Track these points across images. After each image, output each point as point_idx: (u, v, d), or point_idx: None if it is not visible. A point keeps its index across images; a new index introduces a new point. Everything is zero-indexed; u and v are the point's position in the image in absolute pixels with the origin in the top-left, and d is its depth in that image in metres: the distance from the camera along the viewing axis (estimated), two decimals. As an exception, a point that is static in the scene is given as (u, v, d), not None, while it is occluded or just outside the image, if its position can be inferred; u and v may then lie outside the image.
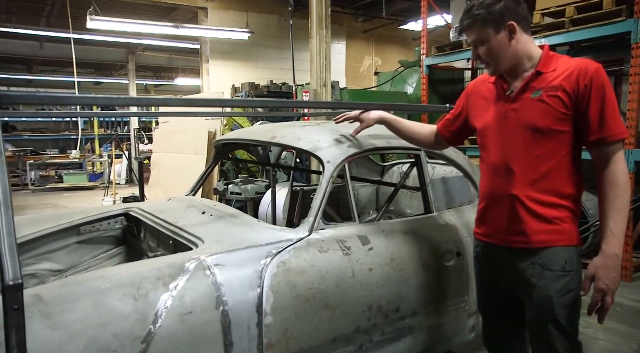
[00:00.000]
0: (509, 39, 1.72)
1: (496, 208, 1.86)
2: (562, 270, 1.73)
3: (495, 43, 1.73)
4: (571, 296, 1.73)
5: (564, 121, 1.69)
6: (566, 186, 1.74)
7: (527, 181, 1.75)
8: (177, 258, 1.87)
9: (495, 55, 1.75)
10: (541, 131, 1.71)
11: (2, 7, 10.60)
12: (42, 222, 2.71)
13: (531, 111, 1.73)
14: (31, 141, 15.83)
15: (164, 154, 8.13)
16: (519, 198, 1.77)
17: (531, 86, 1.75)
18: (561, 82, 1.68)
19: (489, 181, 1.89)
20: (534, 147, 1.74)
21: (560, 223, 1.74)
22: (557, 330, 1.75)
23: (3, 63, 15.14)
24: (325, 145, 2.42)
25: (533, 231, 1.75)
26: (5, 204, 1.07)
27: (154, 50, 14.57)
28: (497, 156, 1.84)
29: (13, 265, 1.01)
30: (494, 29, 1.71)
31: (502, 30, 1.71)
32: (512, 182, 1.78)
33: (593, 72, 1.65)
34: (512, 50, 1.74)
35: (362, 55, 13.03)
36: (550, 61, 1.75)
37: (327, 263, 2.07)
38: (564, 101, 1.68)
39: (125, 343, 1.54)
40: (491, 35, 1.72)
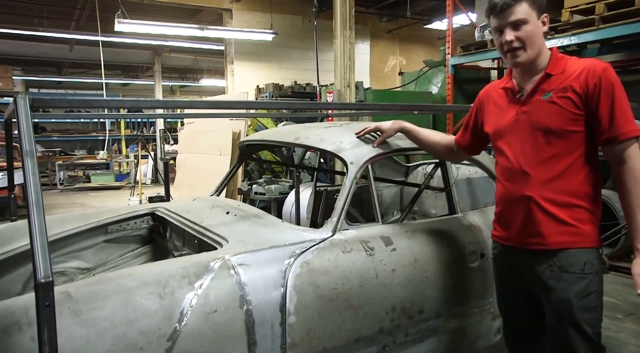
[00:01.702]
0: (543, 30, 1.77)
1: (512, 211, 1.85)
2: (582, 272, 1.71)
3: (536, 27, 1.74)
4: (592, 299, 1.71)
5: (576, 121, 1.70)
6: (583, 186, 1.74)
7: (542, 183, 1.75)
8: (202, 258, 1.89)
9: (535, 39, 1.75)
10: (554, 132, 1.72)
11: (35, 11, 10.92)
12: (71, 221, 2.78)
13: (543, 112, 1.74)
14: (60, 141, 16.24)
15: (189, 154, 8.25)
16: (534, 199, 1.76)
17: (541, 88, 1.76)
18: (571, 82, 1.70)
19: (505, 184, 1.88)
20: (547, 148, 1.74)
21: (578, 225, 1.73)
22: (578, 334, 1.72)
23: (35, 66, 15.58)
24: (349, 146, 2.41)
25: (550, 232, 1.74)
26: (37, 205, 1.10)
27: (179, 51, 14.79)
28: (510, 159, 1.84)
29: (45, 263, 1.04)
30: (537, 14, 1.74)
31: (540, 19, 1.75)
32: (527, 184, 1.78)
33: (601, 71, 1.67)
34: (542, 42, 1.77)
35: (387, 55, 12.96)
36: (558, 63, 1.77)
37: (351, 263, 2.07)
38: (574, 101, 1.69)
39: (151, 340, 1.56)
40: (534, 18, 1.73)
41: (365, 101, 7.36)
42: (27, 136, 1.23)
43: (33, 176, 1.14)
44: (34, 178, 1.14)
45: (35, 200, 1.10)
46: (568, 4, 5.13)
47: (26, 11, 10.89)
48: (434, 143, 2.28)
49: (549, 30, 5.23)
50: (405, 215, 2.73)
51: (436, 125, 7.80)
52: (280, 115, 6.77)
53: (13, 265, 2.44)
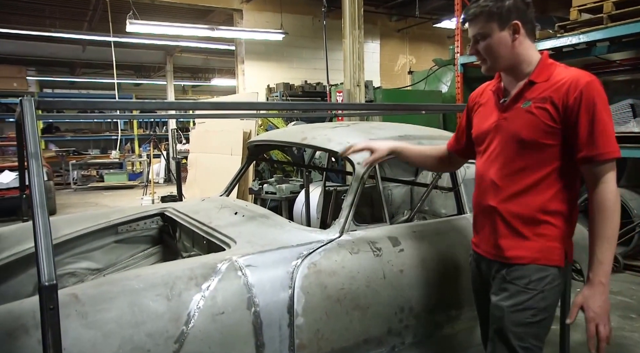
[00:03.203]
0: (512, 39, 1.65)
1: (481, 219, 1.82)
2: (524, 287, 1.65)
3: (496, 40, 1.65)
4: (527, 315, 1.65)
5: (551, 134, 1.61)
6: (553, 203, 1.65)
7: (509, 195, 1.69)
8: (210, 259, 1.89)
9: (494, 52, 1.68)
10: (527, 144, 1.64)
11: (47, 12, 11.04)
12: (82, 222, 2.80)
13: (519, 121, 1.67)
14: (74, 141, 16.38)
15: (200, 154, 8.28)
16: (499, 211, 1.71)
17: (524, 95, 1.68)
18: (551, 93, 1.61)
19: (477, 190, 1.84)
20: (518, 159, 1.67)
21: (540, 241, 1.66)
22: (502, 343, 1.68)
23: (48, 66, 15.76)
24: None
25: (509, 246, 1.70)
26: (41, 207, 1.10)
27: (191, 52, 14.85)
28: (484, 165, 1.79)
29: (49, 266, 1.04)
30: (499, 25, 1.64)
31: (506, 28, 1.64)
32: (494, 194, 1.73)
33: (584, 85, 1.56)
34: (513, 51, 1.67)
35: (397, 54, 12.91)
36: (545, 70, 1.67)
37: (358, 264, 2.06)
38: (551, 113, 1.60)
39: (158, 342, 1.56)
40: (494, 30, 1.64)
41: (375, 100, 7.32)
42: (32, 138, 1.24)
43: (37, 178, 1.14)
44: (38, 180, 1.14)
45: (39, 202, 1.10)
46: (576, 2, 5.07)
47: (39, 12, 11.01)
48: (426, 158, 2.17)
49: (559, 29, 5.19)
50: (413, 215, 2.72)
51: (446, 124, 7.74)
52: (291, 115, 6.78)
53: (23, 266, 2.46)
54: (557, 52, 5.73)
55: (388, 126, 2.74)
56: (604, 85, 1.65)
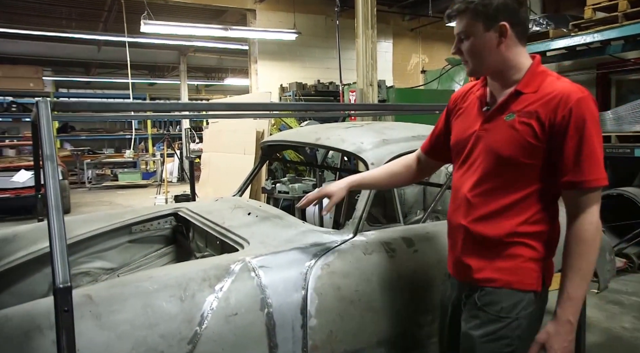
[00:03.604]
0: (498, 41, 1.48)
1: (452, 237, 1.68)
2: (496, 315, 1.50)
3: (481, 41, 1.49)
4: (501, 345, 1.49)
5: (532, 153, 1.46)
6: (530, 225, 1.50)
7: (481, 215, 1.54)
8: (223, 260, 1.88)
9: (477, 54, 1.52)
10: (505, 161, 1.48)
11: (64, 14, 11.19)
12: (96, 222, 2.82)
13: (500, 135, 1.50)
14: (88, 140, 16.57)
15: (213, 153, 8.33)
16: (469, 230, 1.57)
17: (509, 106, 1.51)
18: (537, 108, 1.44)
19: (451, 205, 1.69)
20: (495, 177, 1.52)
21: (514, 263, 1.51)
22: None
23: (64, 66, 15.96)
24: (369, 147, 2.38)
25: (479, 267, 1.55)
26: (57, 210, 1.10)
27: (204, 51, 14.94)
28: (460, 179, 1.63)
29: (63, 268, 1.04)
30: (484, 25, 1.47)
31: (492, 29, 1.47)
32: (466, 212, 1.58)
33: (574, 102, 1.40)
34: (499, 55, 1.50)
35: (409, 53, 12.84)
36: (534, 79, 1.50)
37: (372, 265, 2.04)
38: (535, 130, 1.44)
39: (172, 344, 1.56)
40: (479, 31, 1.48)
41: (388, 100, 7.29)
42: (48, 140, 1.24)
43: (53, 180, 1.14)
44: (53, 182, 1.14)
45: (54, 204, 1.10)
46: (591, 1, 5.02)
47: (56, 14, 11.17)
48: (392, 176, 1.97)
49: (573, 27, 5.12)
50: (427, 216, 2.69)
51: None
52: (303, 114, 6.77)
53: (38, 265, 2.48)
54: (571, 51, 5.65)
55: (401, 126, 2.72)
56: (619, 84, 1.56)
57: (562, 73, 6.81)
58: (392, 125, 2.74)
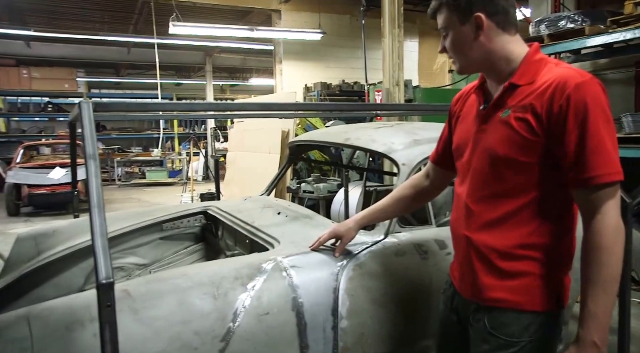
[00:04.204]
0: (476, 34, 1.36)
1: (457, 249, 1.55)
2: (507, 339, 1.36)
3: (457, 35, 1.39)
4: None
5: (531, 151, 1.31)
6: (539, 235, 1.34)
7: (484, 223, 1.40)
8: (255, 259, 1.89)
9: (459, 49, 1.41)
10: (503, 162, 1.34)
11: (97, 17, 11.49)
12: (129, 219, 2.87)
13: (495, 135, 1.37)
14: (118, 139, 16.96)
15: (238, 152, 8.39)
16: (473, 242, 1.42)
17: (505, 101, 1.37)
18: (533, 100, 1.30)
19: (453, 214, 1.56)
20: (495, 181, 1.37)
21: (524, 280, 1.35)
22: None
23: (96, 68, 16.37)
24: (400, 147, 2.36)
25: (486, 286, 1.40)
26: (99, 207, 1.12)
27: (229, 52, 15.10)
28: (459, 186, 1.51)
29: (106, 264, 1.06)
30: (459, 19, 1.37)
31: (467, 22, 1.36)
32: (468, 221, 1.44)
33: (572, 88, 1.23)
34: (481, 48, 1.38)
35: (435, 52, 12.68)
36: (529, 69, 1.36)
37: (404, 268, 2.02)
38: (532, 125, 1.29)
39: (205, 341, 1.58)
40: (455, 25, 1.38)
41: (414, 100, 7.23)
42: (91, 140, 1.26)
43: (95, 179, 1.17)
44: (96, 180, 1.16)
45: (97, 202, 1.12)
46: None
47: (90, 17, 11.48)
48: (400, 201, 1.85)
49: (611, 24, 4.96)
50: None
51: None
52: (329, 115, 6.78)
53: (75, 259, 2.54)
54: (607, 48, 5.48)
55: (432, 127, 2.69)
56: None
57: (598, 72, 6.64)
58: (424, 125, 2.71)
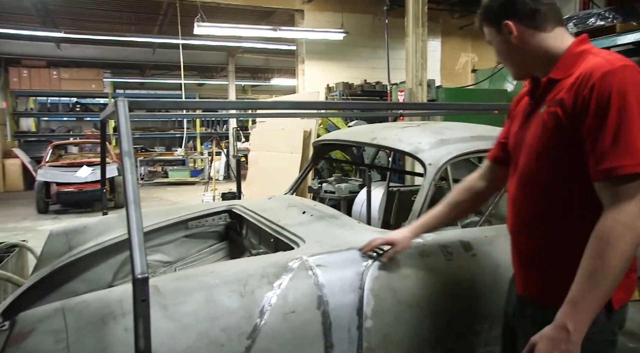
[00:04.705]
0: (510, 39, 1.43)
1: (512, 246, 1.58)
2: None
3: (498, 45, 1.48)
4: None
5: (562, 147, 1.31)
6: (577, 233, 1.30)
7: (526, 218, 1.44)
8: (281, 258, 1.90)
9: (504, 57, 1.50)
10: (539, 157, 1.37)
11: (124, 19, 11.71)
12: (155, 217, 2.92)
13: (533, 130, 1.41)
14: (142, 139, 17.22)
15: (260, 152, 8.44)
16: (520, 239, 1.48)
17: (544, 97, 1.40)
18: (564, 94, 1.30)
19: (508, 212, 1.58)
20: (534, 177, 1.40)
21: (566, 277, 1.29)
22: None
23: (121, 68, 16.67)
24: (427, 147, 2.35)
25: (537, 283, 1.43)
26: (135, 203, 1.15)
27: (252, 52, 15.19)
28: (510, 184, 1.54)
29: (141, 259, 1.08)
30: (495, 29, 1.46)
31: (500, 31, 1.44)
32: (513, 216, 1.49)
33: (598, 78, 1.21)
34: (518, 52, 1.44)
35: (458, 52, 12.59)
36: (568, 63, 1.35)
37: (429, 269, 2.01)
38: (560, 119, 1.29)
39: (232, 338, 1.59)
40: (494, 35, 1.48)
41: (437, 100, 7.17)
42: (127, 137, 1.29)
43: (132, 175, 1.19)
44: (132, 177, 1.19)
45: (133, 198, 1.15)
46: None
47: (116, 19, 11.71)
48: (457, 205, 1.83)
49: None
50: (484, 219, 2.62)
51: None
52: (351, 114, 6.77)
53: (104, 256, 2.60)
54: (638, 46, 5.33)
55: (459, 126, 2.67)
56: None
57: None
58: (450, 125, 2.69)
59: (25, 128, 15.35)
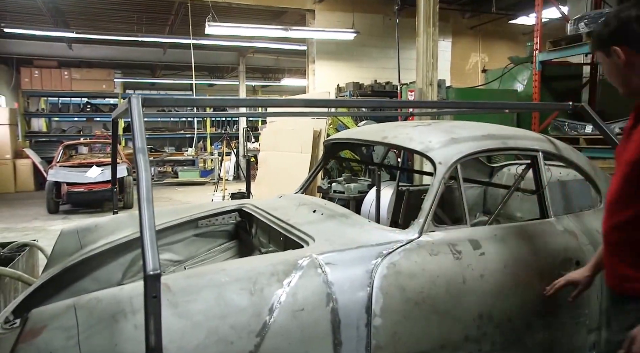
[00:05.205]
0: (617, 63, 1.57)
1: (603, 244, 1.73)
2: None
3: (606, 67, 1.63)
4: None
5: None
6: None
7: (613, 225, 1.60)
8: (290, 256, 1.91)
9: (611, 78, 1.64)
10: (630, 168, 1.53)
11: (136, 19, 11.79)
12: (165, 216, 2.94)
13: (630, 144, 1.56)
14: (152, 139, 17.31)
15: (270, 152, 8.47)
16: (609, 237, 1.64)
17: None
18: None
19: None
20: (624, 185, 1.56)
21: None
22: None
23: (132, 69, 16.79)
24: (437, 146, 2.34)
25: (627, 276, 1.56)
26: (148, 201, 1.16)
27: (262, 52, 15.22)
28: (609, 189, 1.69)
29: (153, 256, 1.09)
30: (604, 53, 1.60)
31: (610, 55, 1.58)
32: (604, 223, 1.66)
33: None
34: (626, 75, 1.57)
35: (468, 52, 12.54)
36: None
37: (438, 267, 2.01)
38: None
39: (241, 335, 1.60)
40: (603, 58, 1.62)
41: (447, 100, 7.14)
42: (140, 134, 1.30)
43: (145, 173, 1.20)
44: (146, 175, 1.20)
45: (146, 196, 1.16)
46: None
47: (128, 19, 11.80)
48: None
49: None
50: (493, 218, 2.61)
51: (520, 124, 7.40)
52: (361, 113, 6.77)
53: (114, 254, 2.62)
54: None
55: (471, 125, 2.66)
56: None
57: None
58: (461, 124, 2.68)
59: (36, 128, 15.51)
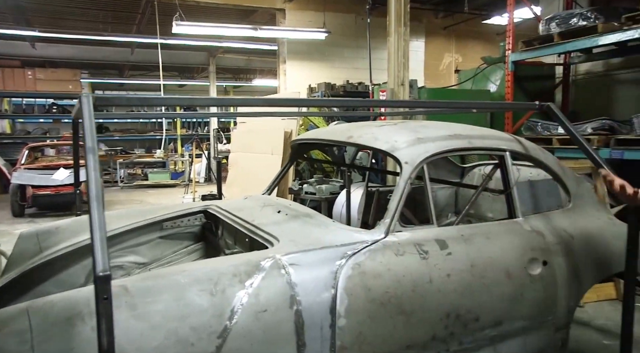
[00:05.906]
0: None
1: None
2: None
3: None
4: None
5: None
6: None
7: None
8: (253, 256, 1.88)
9: None
10: None
11: (101, 17, 11.53)
12: (129, 217, 2.87)
13: None
14: (121, 141, 16.99)
15: (241, 153, 8.40)
16: None
17: None
18: None
19: None
20: None
21: None
22: None
23: (100, 69, 16.43)
24: (404, 145, 2.35)
25: None
26: (97, 200, 1.12)
27: (233, 52, 15.11)
28: None
29: (103, 257, 1.06)
30: None
31: None
32: None
33: None
34: None
35: (442, 52, 12.69)
36: None
37: (404, 267, 2.01)
38: None
39: (202, 337, 1.57)
40: None
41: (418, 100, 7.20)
42: (90, 133, 1.27)
43: (95, 172, 1.17)
44: (95, 174, 1.16)
45: (95, 195, 1.12)
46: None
47: (94, 18, 11.53)
48: None
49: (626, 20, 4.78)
50: (461, 218, 2.64)
51: (494, 125, 7.52)
52: (333, 113, 6.77)
53: (76, 257, 2.55)
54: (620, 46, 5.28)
55: (436, 125, 2.68)
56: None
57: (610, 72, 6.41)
58: (427, 124, 2.70)
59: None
